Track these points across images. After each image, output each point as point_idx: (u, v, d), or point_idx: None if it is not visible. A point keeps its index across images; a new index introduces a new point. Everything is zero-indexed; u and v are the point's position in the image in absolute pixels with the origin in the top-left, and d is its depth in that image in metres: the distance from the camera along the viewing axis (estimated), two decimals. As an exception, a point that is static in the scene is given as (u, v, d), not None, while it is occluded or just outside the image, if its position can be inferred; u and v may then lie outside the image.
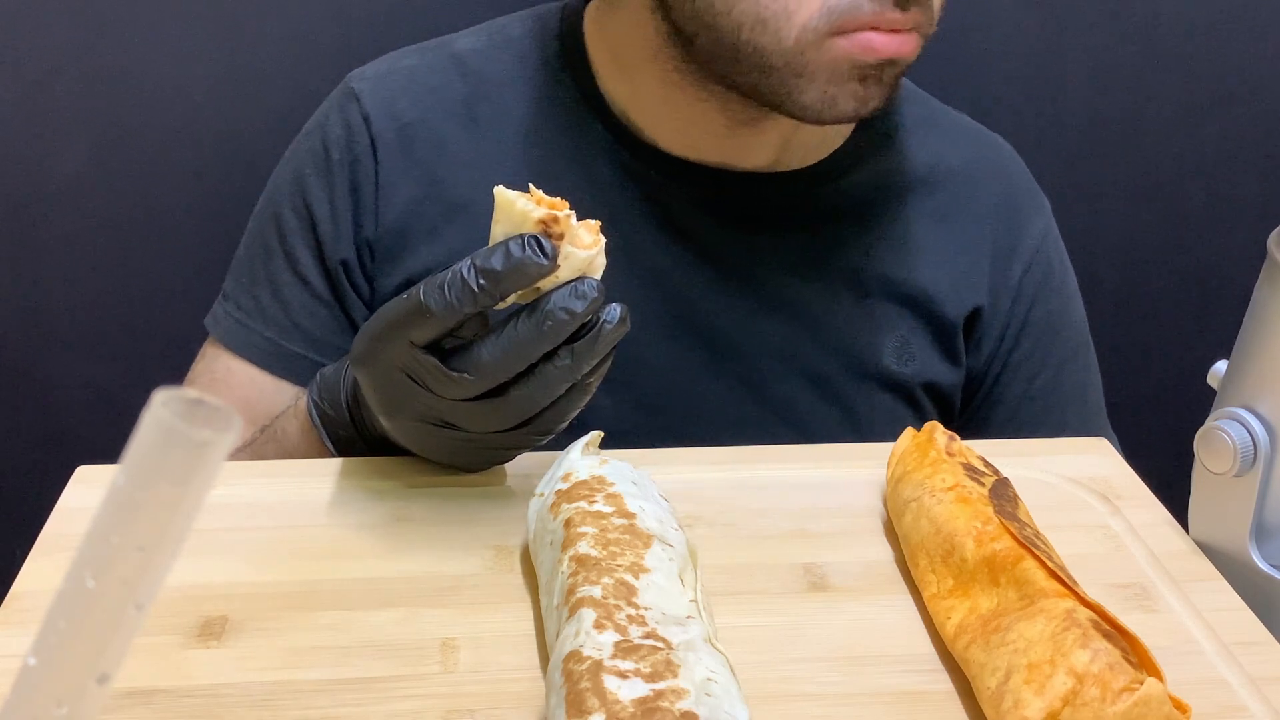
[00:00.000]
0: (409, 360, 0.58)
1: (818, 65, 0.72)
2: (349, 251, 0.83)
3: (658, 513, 0.55)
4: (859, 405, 0.84)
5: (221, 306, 0.87)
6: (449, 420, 0.60)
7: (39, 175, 1.11)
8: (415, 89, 0.85)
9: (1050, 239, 0.91)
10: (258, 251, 0.86)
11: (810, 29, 0.71)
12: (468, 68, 0.85)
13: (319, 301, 0.84)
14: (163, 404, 0.28)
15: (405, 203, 0.82)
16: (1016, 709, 0.46)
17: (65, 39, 1.07)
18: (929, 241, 0.86)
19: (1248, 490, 0.61)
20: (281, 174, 0.87)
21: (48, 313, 1.15)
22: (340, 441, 0.71)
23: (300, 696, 0.50)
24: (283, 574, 0.58)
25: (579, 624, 0.47)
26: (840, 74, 0.73)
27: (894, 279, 0.85)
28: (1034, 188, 0.92)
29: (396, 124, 0.83)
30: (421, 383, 0.59)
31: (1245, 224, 1.20)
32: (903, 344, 0.85)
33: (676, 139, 0.82)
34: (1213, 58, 1.18)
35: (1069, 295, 0.92)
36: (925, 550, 0.57)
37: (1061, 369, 0.90)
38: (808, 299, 0.84)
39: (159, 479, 0.29)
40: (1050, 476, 0.68)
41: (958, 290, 0.86)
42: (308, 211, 0.84)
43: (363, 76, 0.86)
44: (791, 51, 0.72)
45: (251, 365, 0.84)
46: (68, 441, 1.18)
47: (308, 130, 0.87)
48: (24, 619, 0.54)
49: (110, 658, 0.30)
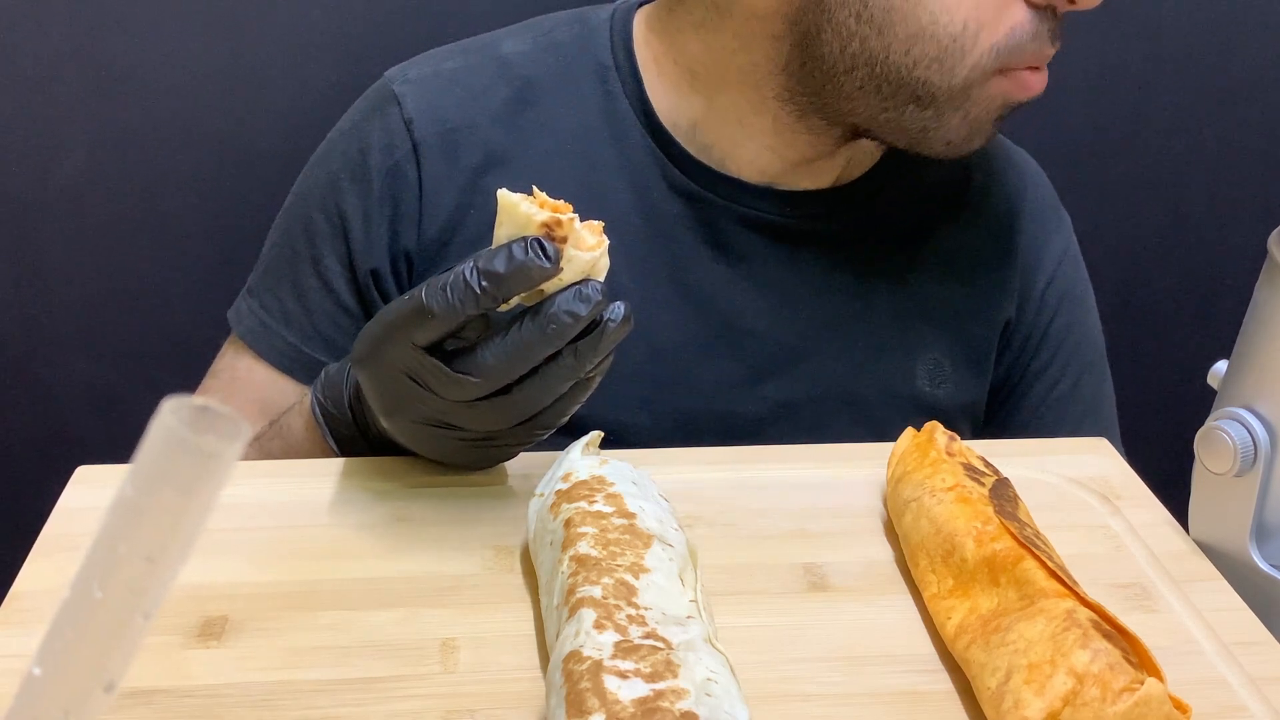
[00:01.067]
0: (411, 361, 0.58)
1: (975, 101, 0.74)
2: (381, 261, 0.80)
3: (658, 513, 0.55)
4: (892, 427, 0.84)
5: (245, 303, 0.85)
6: (450, 421, 0.60)
7: (39, 176, 1.11)
8: (459, 93, 0.82)
9: (1071, 253, 0.91)
10: (285, 252, 0.84)
11: (979, 68, 0.73)
12: (513, 72, 0.83)
13: (343, 310, 0.82)
14: (171, 412, 0.28)
15: (450, 210, 0.80)
16: (1016, 709, 0.46)
17: (65, 39, 1.07)
18: (962, 258, 0.86)
19: (1248, 490, 0.61)
20: (314, 175, 0.84)
21: (48, 313, 1.15)
22: (342, 440, 0.71)
23: (300, 696, 0.50)
24: (283, 574, 0.58)
25: (579, 624, 0.47)
26: (992, 110, 0.75)
27: (929, 298, 0.85)
28: (1057, 203, 0.92)
29: (441, 128, 0.80)
30: (424, 384, 0.58)
31: (1245, 224, 1.20)
32: (936, 366, 0.85)
33: (745, 161, 0.81)
34: (1213, 58, 1.18)
35: (1088, 309, 0.93)
36: (925, 550, 0.57)
37: (1079, 379, 0.91)
38: (846, 319, 0.83)
39: (166, 487, 0.29)
40: (1050, 476, 0.68)
41: (990, 306, 0.86)
42: (340, 218, 0.81)
43: (405, 79, 0.82)
44: (958, 88, 0.73)
45: (272, 368, 0.82)
46: (68, 441, 1.19)
47: (343, 131, 0.84)
48: (24, 619, 0.54)
49: (116, 665, 0.30)
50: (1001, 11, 0.72)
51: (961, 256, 0.86)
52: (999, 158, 0.90)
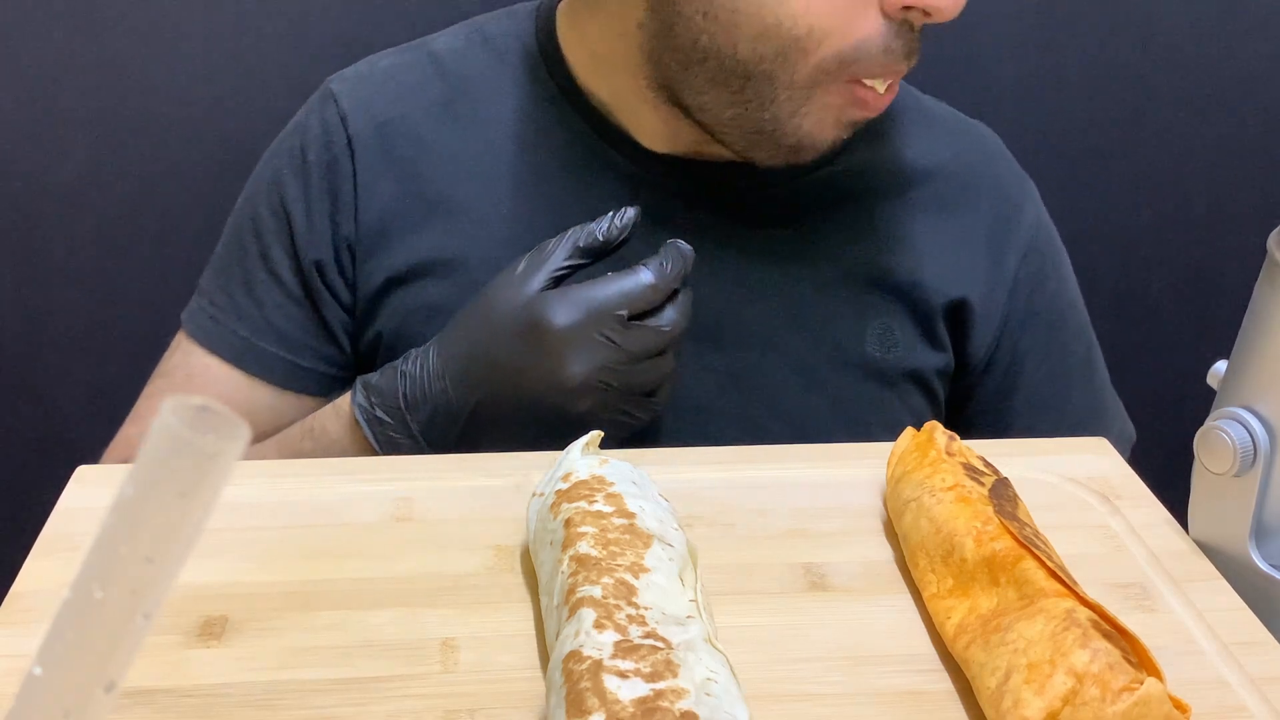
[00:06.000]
0: (613, 327, 0.70)
1: (816, 103, 0.75)
2: (323, 252, 0.83)
3: (658, 513, 0.55)
4: (844, 393, 0.85)
5: (196, 302, 0.88)
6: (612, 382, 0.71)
7: (39, 176, 1.11)
8: (392, 87, 0.86)
9: (1042, 224, 0.92)
10: (234, 250, 0.87)
11: (823, 69, 0.73)
12: (446, 66, 0.86)
13: (292, 301, 0.85)
14: (171, 412, 0.28)
15: (386, 200, 0.83)
16: (1016, 709, 0.46)
17: (66, 40, 1.07)
18: (914, 231, 0.86)
19: (1248, 490, 0.61)
20: (260, 174, 0.88)
21: (47, 314, 1.15)
22: (384, 441, 0.75)
23: (300, 696, 0.50)
24: (283, 574, 0.58)
25: (579, 624, 0.47)
26: (827, 128, 0.76)
27: (877, 267, 0.85)
28: (1020, 173, 0.92)
29: (374, 122, 0.84)
30: (616, 342, 0.70)
31: (1245, 224, 1.20)
32: (885, 331, 0.85)
33: (656, 137, 0.83)
34: (1213, 58, 1.18)
35: (1065, 274, 0.93)
36: (925, 550, 0.57)
37: (1067, 347, 0.92)
38: (790, 288, 0.84)
39: (167, 488, 0.29)
40: (1050, 476, 0.68)
41: (943, 279, 0.86)
42: (284, 212, 0.84)
43: (341, 78, 0.87)
44: (800, 85, 0.74)
45: (225, 363, 0.85)
46: (68, 441, 1.18)
47: (287, 131, 0.88)
48: (24, 619, 0.54)
49: (117, 666, 0.30)
50: (852, 21, 0.72)
51: (913, 230, 0.86)
52: (957, 134, 0.91)
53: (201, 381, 0.85)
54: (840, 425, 0.83)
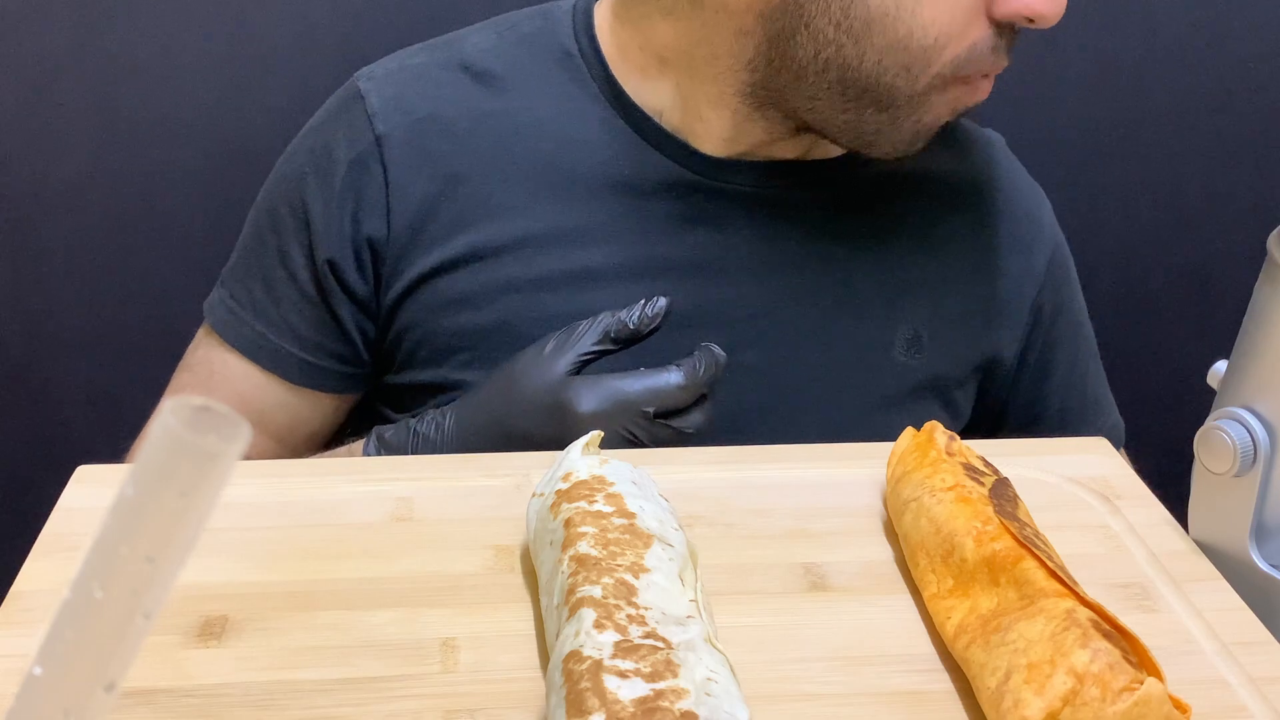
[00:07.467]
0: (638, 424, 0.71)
1: (929, 108, 0.77)
2: (338, 251, 0.83)
3: (658, 512, 0.55)
4: (869, 396, 0.85)
5: (217, 293, 0.88)
6: None
7: (40, 175, 1.11)
8: (424, 85, 0.84)
9: (1056, 226, 0.94)
10: (253, 245, 0.87)
11: (940, 76, 0.76)
12: (479, 65, 0.85)
13: (307, 300, 0.85)
14: (171, 412, 0.28)
15: (420, 199, 0.82)
16: (1016, 709, 0.46)
17: (66, 39, 1.07)
18: (940, 233, 0.88)
19: (1248, 490, 0.61)
20: (283, 170, 0.87)
21: (48, 313, 1.15)
22: None
23: (300, 696, 0.50)
24: (283, 574, 0.58)
25: (579, 624, 0.47)
26: (942, 116, 0.79)
27: (909, 270, 0.86)
28: (1030, 178, 0.94)
29: (407, 120, 0.83)
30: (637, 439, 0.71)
31: (1245, 224, 1.20)
32: (914, 336, 0.86)
33: (713, 140, 0.83)
34: (1213, 58, 1.18)
35: (1075, 276, 0.96)
36: (925, 550, 0.57)
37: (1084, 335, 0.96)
38: (823, 289, 0.85)
39: (167, 488, 0.29)
40: (1050, 476, 0.68)
41: (968, 281, 0.88)
42: (303, 210, 0.84)
43: (370, 75, 0.86)
44: (919, 94, 0.76)
45: (243, 358, 0.85)
46: (68, 441, 1.19)
47: (311, 127, 0.87)
48: (24, 619, 0.54)
49: (117, 666, 0.30)
50: (967, 27, 0.74)
51: (940, 232, 0.88)
52: (975, 141, 0.92)
53: (224, 379, 0.85)
54: (870, 426, 0.83)
